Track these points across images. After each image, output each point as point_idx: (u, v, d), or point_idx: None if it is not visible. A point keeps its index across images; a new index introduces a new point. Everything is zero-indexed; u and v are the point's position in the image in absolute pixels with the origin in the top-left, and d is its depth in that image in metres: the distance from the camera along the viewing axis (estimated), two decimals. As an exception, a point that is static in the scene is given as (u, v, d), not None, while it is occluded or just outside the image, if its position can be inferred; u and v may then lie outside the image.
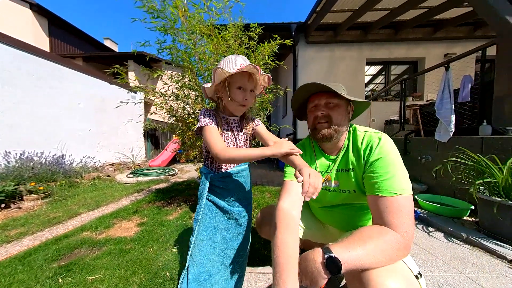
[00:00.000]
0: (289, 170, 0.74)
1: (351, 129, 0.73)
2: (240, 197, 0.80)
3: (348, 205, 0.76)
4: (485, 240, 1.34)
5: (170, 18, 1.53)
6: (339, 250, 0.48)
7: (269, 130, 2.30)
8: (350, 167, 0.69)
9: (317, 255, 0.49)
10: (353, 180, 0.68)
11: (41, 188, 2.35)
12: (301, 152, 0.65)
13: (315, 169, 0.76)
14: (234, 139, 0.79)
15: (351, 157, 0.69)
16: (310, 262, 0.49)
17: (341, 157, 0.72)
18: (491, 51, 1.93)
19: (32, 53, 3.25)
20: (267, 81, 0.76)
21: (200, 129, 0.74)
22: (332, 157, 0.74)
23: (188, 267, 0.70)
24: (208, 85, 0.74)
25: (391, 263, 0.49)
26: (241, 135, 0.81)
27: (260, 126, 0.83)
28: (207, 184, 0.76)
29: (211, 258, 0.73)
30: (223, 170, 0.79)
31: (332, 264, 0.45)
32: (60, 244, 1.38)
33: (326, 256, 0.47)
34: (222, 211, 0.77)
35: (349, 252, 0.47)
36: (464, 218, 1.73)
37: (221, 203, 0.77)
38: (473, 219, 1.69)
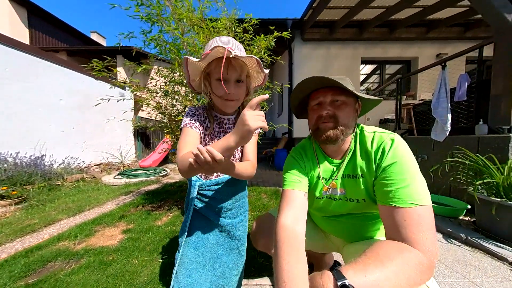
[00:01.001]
0: (289, 177, 0.64)
1: (357, 129, 0.64)
2: (234, 207, 0.70)
3: (355, 215, 0.68)
4: (484, 241, 1.32)
5: (155, 5, 1.39)
6: (353, 275, 0.39)
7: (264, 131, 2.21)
8: (359, 172, 0.60)
9: (326, 282, 0.40)
10: (363, 187, 0.60)
11: (14, 192, 2.14)
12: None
13: (318, 175, 0.67)
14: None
15: (360, 161, 0.60)
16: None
17: (347, 161, 0.63)
18: (486, 51, 1.93)
19: (5, 44, 2.96)
20: (258, 66, 0.59)
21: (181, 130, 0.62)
22: (336, 161, 0.65)
23: (173, 287, 0.61)
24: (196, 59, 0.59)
25: None
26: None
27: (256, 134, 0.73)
28: (195, 193, 0.65)
29: (199, 279, 0.63)
30: (213, 177, 0.68)
31: None
32: (30, 257, 1.23)
33: (339, 283, 0.38)
34: (212, 224, 0.67)
35: (365, 277, 0.39)
36: (460, 217, 1.72)
37: (212, 215, 0.66)
38: (469, 218, 1.69)
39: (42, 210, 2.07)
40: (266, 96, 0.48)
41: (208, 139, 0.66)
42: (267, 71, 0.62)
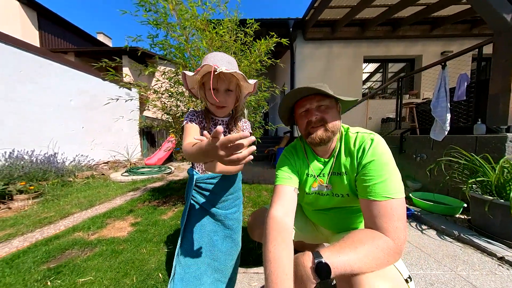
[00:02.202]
0: (281, 174, 0.72)
1: (342, 130, 0.71)
2: (228, 200, 0.79)
3: (341, 208, 0.75)
4: (476, 237, 1.36)
5: (162, 12, 1.47)
6: (329, 255, 0.47)
7: (266, 130, 2.25)
8: (343, 170, 0.67)
9: (307, 260, 0.48)
10: (346, 183, 0.67)
11: (31, 187, 2.29)
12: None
13: (308, 172, 0.74)
14: None
15: (344, 159, 0.67)
16: (299, 267, 0.48)
17: (333, 160, 0.70)
18: (488, 49, 1.93)
19: (20, 47, 3.12)
20: (243, 79, 0.69)
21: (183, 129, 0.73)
22: (324, 159, 0.72)
23: (175, 267, 0.70)
24: (191, 74, 0.70)
25: (381, 268, 0.48)
26: None
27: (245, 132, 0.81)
28: (192, 185, 0.74)
29: (196, 260, 0.72)
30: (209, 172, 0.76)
31: (321, 269, 0.45)
32: (50, 246, 1.35)
33: (316, 261, 0.46)
34: (208, 213, 0.76)
35: (339, 257, 0.46)
36: (457, 215, 1.76)
37: (207, 205, 0.76)
38: (465, 216, 1.72)
39: (57, 204, 2.22)
40: (247, 134, 0.40)
41: None
42: (254, 81, 0.72)
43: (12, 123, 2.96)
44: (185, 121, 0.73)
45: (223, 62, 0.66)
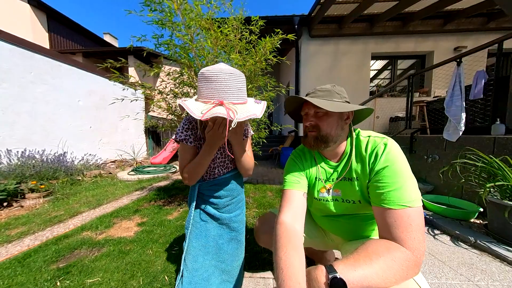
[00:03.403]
0: (289, 179, 0.69)
1: (354, 134, 0.67)
2: (231, 203, 0.79)
3: (353, 215, 0.71)
4: (495, 245, 1.28)
5: (167, 12, 1.46)
6: (344, 269, 0.43)
7: (271, 130, 2.22)
8: (354, 176, 0.64)
9: (320, 274, 0.45)
10: (358, 189, 0.63)
11: (42, 186, 2.36)
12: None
13: (317, 176, 0.71)
14: (222, 151, 0.75)
15: (355, 164, 0.64)
16: (312, 282, 0.45)
17: (343, 164, 0.67)
18: (507, 44, 1.81)
19: (30, 49, 3.20)
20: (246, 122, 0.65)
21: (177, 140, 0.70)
22: (333, 163, 0.69)
23: (182, 271, 0.70)
24: (194, 108, 0.55)
25: (400, 283, 0.45)
26: (229, 148, 0.75)
27: (247, 138, 0.79)
28: (196, 192, 0.74)
29: (203, 263, 0.72)
30: (211, 178, 0.76)
31: (336, 285, 0.41)
32: (60, 245, 1.38)
33: (330, 276, 0.43)
34: (213, 218, 0.76)
35: (355, 272, 0.43)
36: (472, 220, 1.68)
37: (212, 210, 0.75)
38: (481, 221, 1.64)
39: (67, 203, 2.27)
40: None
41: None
42: (262, 105, 0.64)
43: (25, 123, 3.05)
44: (180, 137, 0.67)
45: (232, 93, 0.57)
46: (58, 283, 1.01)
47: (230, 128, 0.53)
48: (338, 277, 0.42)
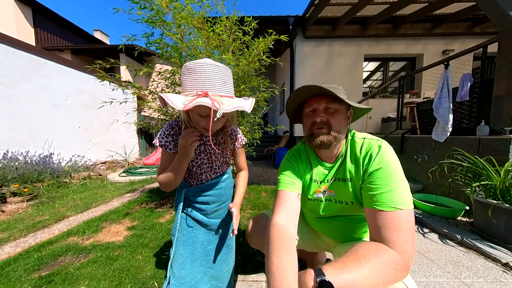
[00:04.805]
0: (284, 179, 0.68)
1: (349, 135, 0.67)
2: (220, 208, 0.77)
3: (345, 217, 0.71)
4: (480, 242, 1.33)
5: (157, 10, 1.42)
6: (332, 273, 0.43)
7: (265, 131, 2.22)
8: (348, 176, 0.64)
9: (308, 278, 0.45)
10: (351, 190, 0.63)
11: (25, 190, 2.24)
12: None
13: (311, 178, 0.70)
14: (209, 156, 0.72)
15: (349, 165, 0.64)
16: (301, 286, 0.45)
17: (338, 165, 0.66)
18: (491, 48, 1.88)
19: (14, 46, 3.04)
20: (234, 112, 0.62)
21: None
22: (328, 165, 0.69)
23: (169, 278, 0.68)
24: (176, 100, 0.50)
25: (389, 286, 0.45)
26: (216, 154, 0.72)
27: (240, 149, 0.78)
28: (182, 197, 0.71)
29: (191, 270, 0.70)
30: (199, 184, 0.73)
31: None
32: (43, 252, 1.31)
33: (318, 279, 0.43)
34: (201, 224, 0.74)
35: (343, 275, 0.43)
36: (459, 218, 1.73)
37: (199, 216, 0.73)
38: (467, 219, 1.70)
39: (52, 207, 2.17)
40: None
41: None
42: (250, 101, 0.61)
43: (7, 123, 2.90)
44: (160, 142, 0.64)
45: (217, 85, 0.53)
46: (40, 293, 0.96)
47: (215, 119, 0.51)
48: (326, 280, 0.42)
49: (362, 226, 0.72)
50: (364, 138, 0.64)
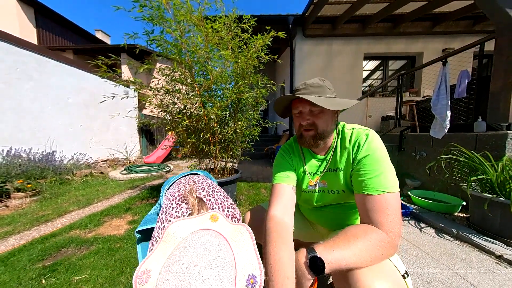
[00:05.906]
0: (279, 173, 0.71)
1: (339, 127, 0.70)
2: None
3: (337, 205, 0.74)
4: (475, 236, 1.35)
5: (156, 7, 1.44)
6: (323, 250, 0.46)
7: (266, 129, 2.22)
8: (339, 166, 0.66)
9: (301, 256, 0.48)
10: (342, 179, 0.66)
11: (29, 185, 2.28)
12: None
13: (305, 170, 0.72)
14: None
15: (340, 156, 0.66)
16: (295, 264, 0.48)
17: (330, 156, 0.69)
18: (489, 46, 1.89)
19: (16, 45, 3.08)
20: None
21: None
22: (320, 156, 0.71)
23: None
24: None
25: (377, 263, 0.47)
26: None
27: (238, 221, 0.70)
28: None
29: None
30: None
31: (315, 264, 0.44)
32: (46, 244, 1.35)
33: (309, 256, 0.45)
34: None
35: (333, 252, 0.46)
36: (456, 213, 1.75)
37: None
38: (464, 214, 1.71)
39: (55, 202, 2.21)
40: None
41: None
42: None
43: (10, 121, 2.94)
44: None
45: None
46: (44, 281, 0.99)
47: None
48: (317, 256, 0.44)
49: (353, 212, 0.75)
50: (352, 128, 0.67)
